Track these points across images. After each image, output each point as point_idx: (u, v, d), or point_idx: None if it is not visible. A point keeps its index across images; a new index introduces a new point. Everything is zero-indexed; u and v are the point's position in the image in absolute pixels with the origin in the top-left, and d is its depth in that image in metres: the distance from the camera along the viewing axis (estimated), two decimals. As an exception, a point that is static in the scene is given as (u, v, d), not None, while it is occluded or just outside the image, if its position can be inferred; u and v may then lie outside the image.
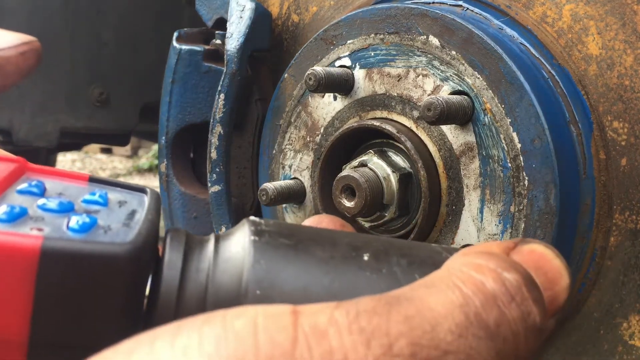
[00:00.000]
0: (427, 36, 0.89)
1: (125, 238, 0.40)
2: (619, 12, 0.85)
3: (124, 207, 0.44)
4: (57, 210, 0.41)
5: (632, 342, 0.86)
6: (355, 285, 0.42)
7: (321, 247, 0.44)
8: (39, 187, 0.43)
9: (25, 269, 0.37)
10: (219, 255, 0.43)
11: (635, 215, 0.85)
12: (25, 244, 0.37)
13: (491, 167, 0.85)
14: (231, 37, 1.09)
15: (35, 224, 0.39)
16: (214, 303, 0.41)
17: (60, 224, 0.40)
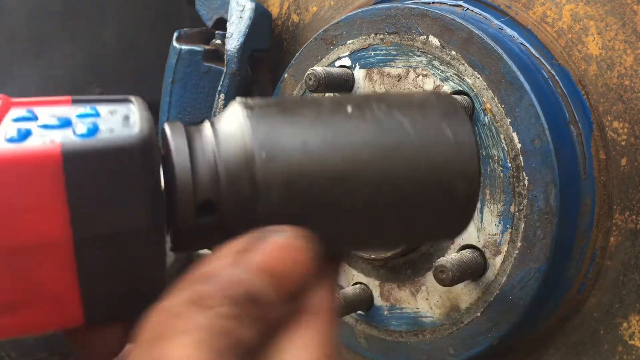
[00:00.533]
0: (427, 36, 0.89)
1: (132, 132, 0.42)
2: (619, 12, 0.85)
3: (117, 114, 0.46)
4: (59, 125, 0.43)
5: (632, 342, 0.86)
6: (345, 132, 0.46)
7: (307, 108, 0.47)
8: (32, 113, 0.45)
9: (52, 173, 0.40)
10: (219, 134, 0.46)
11: (635, 215, 0.85)
12: (46, 150, 0.40)
13: (491, 167, 0.85)
14: (231, 37, 1.09)
15: (45, 138, 0.42)
16: (226, 176, 0.45)
17: (67, 134, 0.42)
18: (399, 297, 0.93)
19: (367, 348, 0.98)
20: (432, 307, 0.91)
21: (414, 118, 0.48)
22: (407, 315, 0.93)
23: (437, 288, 0.90)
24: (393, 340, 0.95)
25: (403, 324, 0.93)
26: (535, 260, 0.83)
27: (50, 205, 0.40)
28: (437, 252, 0.90)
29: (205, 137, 0.46)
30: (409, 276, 0.92)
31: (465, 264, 0.84)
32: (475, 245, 0.87)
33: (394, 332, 0.95)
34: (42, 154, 0.40)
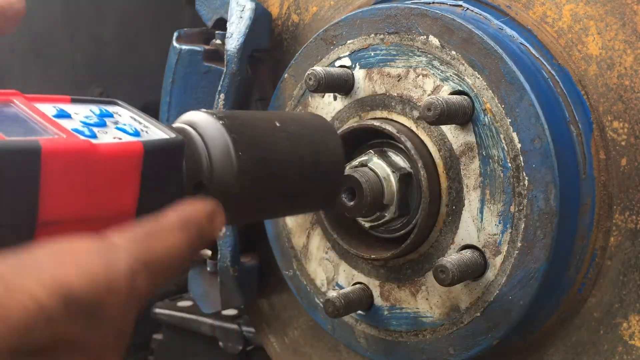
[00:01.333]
0: (427, 36, 0.89)
1: (170, 133, 0.58)
2: (619, 12, 0.85)
3: (123, 116, 0.60)
4: (100, 123, 0.56)
5: (632, 342, 0.86)
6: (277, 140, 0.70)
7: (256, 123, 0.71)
8: (63, 111, 0.56)
9: (137, 164, 0.53)
10: (205, 138, 0.65)
11: (635, 215, 0.85)
12: (136, 146, 0.53)
13: (491, 167, 0.85)
14: (231, 37, 1.09)
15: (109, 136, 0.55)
16: (213, 167, 0.64)
17: (117, 132, 0.56)
18: (399, 297, 0.93)
19: (367, 348, 0.98)
20: (432, 307, 0.91)
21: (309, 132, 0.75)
22: (407, 315, 0.93)
23: (437, 288, 0.90)
24: (393, 340, 0.95)
25: (403, 324, 0.94)
26: (535, 260, 0.83)
27: (129, 187, 0.53)
28: (437, 252, 0.90)
29: (198, 140, 0.64)
30: (409, 276, 0.92)
31: (465, 264, 0.84)
32: (475, 245, 0.87)
33: (394, 332, 0.95)
34: (134, 149, 0.53)
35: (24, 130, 0.51)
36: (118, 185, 0.53)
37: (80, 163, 0.50)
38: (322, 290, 1.01)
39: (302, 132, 0.75)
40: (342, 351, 1.11)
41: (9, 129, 0.50)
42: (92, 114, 0.58)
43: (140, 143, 0.54)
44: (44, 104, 0.56)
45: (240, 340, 1.58)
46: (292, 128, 0.74)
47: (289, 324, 1.18)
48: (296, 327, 1.17)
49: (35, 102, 0.56)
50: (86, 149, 0.50)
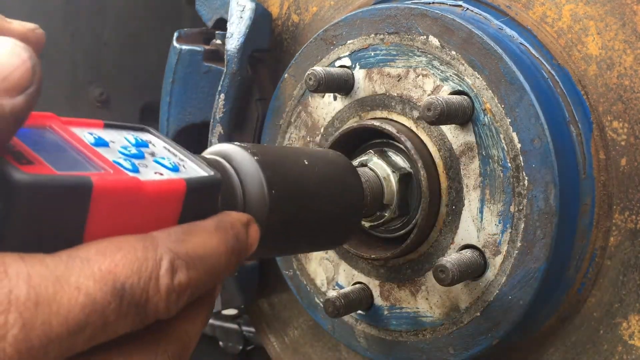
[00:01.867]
0: (427, 36, 0.90)
1: (208, 170, 0.61)
2: (618, 12, 0.85)
3: (157, 146, 0.62)
4: (139, 155, 0.58)
5: (632, 342, 0.86)
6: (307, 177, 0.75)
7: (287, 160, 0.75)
8: (101, 139, 0.57)
9: (179, 201, 0.56)
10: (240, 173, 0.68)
11: (635, 215, 0.85)
12: (180, 185, 0.55)
13: (491, 167, 0.85)
14: (231, 37, 1.09)
15: (151, 170, 0.57)
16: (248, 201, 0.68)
17: (156, 166, 0.58)
18: (399, 296, 0.93)
19: (367, 348, 0.98)
20: (432, 307, 0.91)
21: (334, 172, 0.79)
22: (407, 315, 0.93)
23: (437, 288, 0.90)
24: (393, 340, 0.95)
25: (403, 324, 0.94)
26: (535, 260, 0.83)
27: (170, 218, 0.56)
28: (437, 252, 0.90)
29: (233, 176, 0.68)
30: (409, 276, 0.92)
31: (465, 263, 0.84)
32: (475, 245, 0.87)
33: (394, 331, 0.95)
34: (178, 187, 0.56)
35: (70, 162, 0.51)
36: (159, 220, 0.54)
37: (128, 201, 0.51)
38: (322, 290, 1.01)
39: (327, 172, 0.78)
40: (342, 351, 1.11)
41: (56, 160, 0.50)
42: (128, 144, 0.59)
43: (183, 182, 0.56)
44: (79, 129, 0.57)
45: (240, 340, 1.58)
46: (319, 168, 0.77)
47: (289, 324, 1.18)
48: (296, 327, 1.17)
49: (71, 127, 0.56)
50: (134, 187, 0.51)
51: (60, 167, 0.49)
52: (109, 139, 0.58)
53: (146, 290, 0.48)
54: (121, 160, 0.55)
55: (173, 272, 0.50)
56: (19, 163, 0.47)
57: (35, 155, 0.49)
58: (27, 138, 0.51)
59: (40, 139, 0.52)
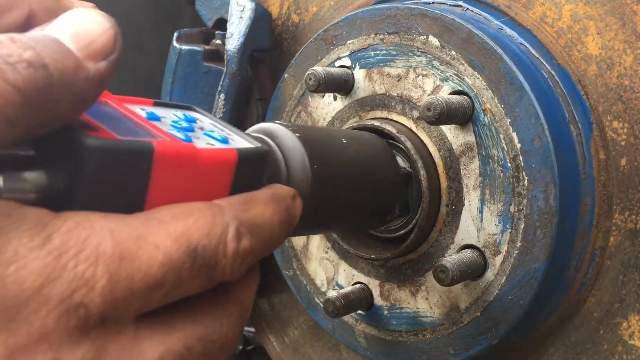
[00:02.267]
0: (427, 36, 0.90)
1: (255, 143, 0.63)
2: (618, 12, 0.85)
3: (205, 122, 0.65)
4: (189, 128, 0.60)
5: (632, 342, 0.86)
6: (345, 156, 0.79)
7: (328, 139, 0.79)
8: (152, 114, 0.59)
9: (231, 169, 0.58)
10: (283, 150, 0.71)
11: (635, 215, 0.85)
12: (232, 154, 0.58)
13: (491, 167, 0.85)
14: (231, 37, 1.09)
15: (202, 141, 0.59)
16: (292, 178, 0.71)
17: (207, 138, 0.60)
18: (399, 297, 0.93)
19: (367, 348, 0.98)
20: (432, 307, 0.91)
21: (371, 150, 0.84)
22: (407, 315, 0.93)
23: (437, 288, 0.90)
24: (393, 340, 0.95)
25: (403, 324, 0.94)
26: (535, 260, 0.83)
27: (223, 187, 0.58)
28: (437, 252, 0.90)
29: (277, 151, 0.70)
30: (409, 276, 0.92)
31: (465, 263, 0.84)
32: (475, 245, 0.87)
33: (394, 331, 0.95)
34: (231, 155, 0.58)
35: (130, 130, 0.54)
36: (212, 188, 0.57)
37: (186, 166, 0.54)
38: (322, 290, 1.01)
39: (365, 151, 0.82)
40: (342, 351, 1.11)
41: (117, 128, 0.53)
42: (178, 119, 0.62)
43: (235, 151, 0.58)
44: (132, 106, 0.60)
45: (240, 340, 1.58)
46: (356, 146, 0.80)
47: (289, 324, 1.18)
48: (296, 327, 1.17)
49: (125, 103, 0.59)
50: (192, 153, 0.54)
51: (122, 134, 0.52)
52: (160, 114, 0.61)
53: (216, 253, 0.51)
54: (174, 132, 0.57)
55: (239, 238, 0.53)
56: (85, 129, 0.50)
57: (98, 123, 0.52)
58: (88, 110, 0.54)
59: (100, 112, 0.55)
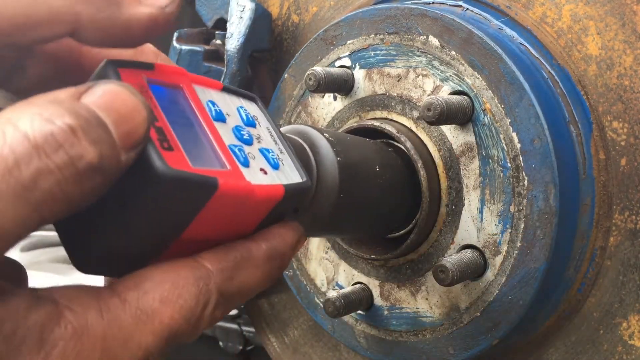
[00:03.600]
0: (427, 36, 0.90)
1: (303, 175, 0.64)
2: (618, 12, 0.85)
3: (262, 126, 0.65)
4: (247, 141, 0.61)
5: (632, 342, 0.86)
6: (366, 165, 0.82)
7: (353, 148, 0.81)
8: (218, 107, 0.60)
9: (275, 204, 0.59)
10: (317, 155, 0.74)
11: (635, 215, 0.85)
12: (279, 191, 0.59)
13: (491, 167, 0.85)
14: (231, 37, 1.09)
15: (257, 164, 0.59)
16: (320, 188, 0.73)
17: (261, 160, 0.61)
18: (399, 297, 0.94)
19: (367, 348, 0.98)
20: (432, 307, 0.91)
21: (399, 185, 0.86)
22: (407, 315, 0.93)
23: (437, 288, 0.90)
24: (393, 340, 0.95)
25: (403, 324, 0.94)
26: (535, 260, 0.83)
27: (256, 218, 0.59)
28: (437, 252, 0.90)
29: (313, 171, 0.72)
30: (409, 276, 0.93)
31: (465, 264, 0.84)
32: (475, 245, 0.87)
33: (394, 332, 0.95)
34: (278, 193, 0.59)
35: (199, 149, 0.55)
36: (248, 219, 0.58)
37: (239, 204, 0.55)
38: (322, 290, 1.01)
39: (394, 184, 0.85)
40: (342, 351, 1.11)
41: (188, 144, 0.53)
42: (241, 123, 0.62)
43: (282, 189, 0.59)
44: (202, 91, 0.60)
45: (240, 340, 1.58)
46: (387, 176, 0.83)
47: (289, 324, 1.18)
48: (296, 327, 1.17)
49: (196, 86, 0.59)
50: (248, 193, 0.55)
51: (193, 156, 0.52)
52: (225, 110, 0.61)
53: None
54: (235, 148, 0.58)
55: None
56: (161, 146, 0.50)
57: (174, 136, 0.52)
58: (164, 101, 0.54)
59: (174, 107, 0.55)
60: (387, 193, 0.84)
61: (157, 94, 0.54)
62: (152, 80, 0.55)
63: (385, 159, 0.86)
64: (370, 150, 0.85)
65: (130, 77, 0.52)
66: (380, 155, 0.85)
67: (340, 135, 0.82)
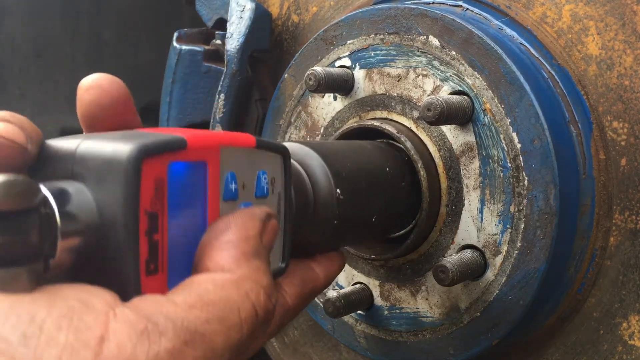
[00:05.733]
0: (427, 36, 0.89)
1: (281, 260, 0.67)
2: (618, 12, 0.85)
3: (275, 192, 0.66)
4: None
5: (632, 342, 0.86)
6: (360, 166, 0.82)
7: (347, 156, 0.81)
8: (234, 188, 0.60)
9: None
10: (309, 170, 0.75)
11: (635, 215, 0.85)
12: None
13: (491, 167, 0.85)
14: (231, 37, 1.09)
15: None
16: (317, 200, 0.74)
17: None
18: (399, 297, 0.93)
19: (367, 348, 0.98)
20: (432, 307, 0.91)
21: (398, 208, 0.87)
22: (407, 315, 0.93)
23: (437, 288, 0.90)
24: (393, 340, 0.95)
25: (403, 324, 0.94)
26: (535, 260, 0.83)
27: None
28: (437, 252, 0.90)
29: (304, 177, 0.73)
30: (409, 276, 0.92)
31: (465, 264, 0.84)
32: (475, 245, 0.87)
33: (394, 332, 0.95)
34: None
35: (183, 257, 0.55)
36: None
37: None
38: (322, 290, 1.01)
39: (394, 185, 0.86)
40: (342, 351, 1.11)
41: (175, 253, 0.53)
42: (252, 197, 0.62)
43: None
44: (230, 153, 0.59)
45: (240, 340, 1.57)
46: (387, 179, 0.84)
47: (289, 324, 1.18)
48: (296, 327, 1.17)
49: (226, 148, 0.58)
50: None
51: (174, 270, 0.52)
52: (243, 181, 0.61)
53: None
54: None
55: None
56: (147, 270, 0.49)
57: (165, 250, 0.51)
58: (178, 183, 0.53)
59: (186, 191, 0.54)
60: (387, 196, 0.84)
61: (174, 176, 0.52)
62: (177, 162, 0.53)
63: (386, 161, 0.85)
64: (369, 156, 0.85)
65: (152, 169, 0.50)
66: (380, 158, 0.85)
67: (337, 147, 0.82)
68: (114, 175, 0.48)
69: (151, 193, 0.49)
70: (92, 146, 0.50)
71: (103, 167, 0.49)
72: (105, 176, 0.48)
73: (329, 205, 0.74)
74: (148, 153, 0.49)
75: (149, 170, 0.49)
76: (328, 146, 0.80)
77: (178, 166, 0.53)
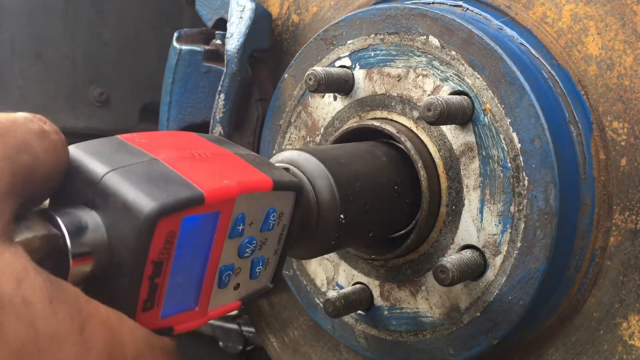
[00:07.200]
0: (427, 36, 0.89)
1: (269, 281, 0.69)
2: (618, 12, 0.85)
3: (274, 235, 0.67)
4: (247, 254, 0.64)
5: (632, 342, 0.86)
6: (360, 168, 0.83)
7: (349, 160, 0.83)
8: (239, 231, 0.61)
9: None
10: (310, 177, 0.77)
11: (635, 215, 0.85)
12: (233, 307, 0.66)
13: (491, 167, 0.85)
14: (231, 37, 1.09)
15: (235, 281, 0.64)
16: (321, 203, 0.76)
17: (244, 275, 0.65)
18: (399, 297, 0.93)
19: (367, 348, 0.98)
20: (432, 307, 0.91)
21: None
22: (407, 315, 0.93)
23: (437, 288, 0.90)
24: (393, 340, 0.95)
25: (403, 324, 0.94)
26: (535, 260, 0.83)
27: None
28: (437, 252, 0.90)
29: (307, 185, 0.74)
30: (409, 276, 0.92)
31: (465, 264, 0.84)
32: (475, 245, 0.87)
33: (394, 332, 0.95)
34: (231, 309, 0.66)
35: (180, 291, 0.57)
36: None
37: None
38: (322, 290, 1.01)
39: (394, 186, 0.86)
40: (342, 351, 1.11)
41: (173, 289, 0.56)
42: (257, 231, 0.63)
43: (239, 303, 0.65)
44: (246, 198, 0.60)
45: (240, 340, 1.58)
46: (387, 180, 0.85)
47: (289, 324, 1.18)
48: (296, 327, 1.17)
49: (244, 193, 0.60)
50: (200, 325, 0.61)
51: (169, 302, 0.55)
52: (250, 220, 0.62)
53: None
54: (226, 271, 0.60)
55: None
56: (142, 308, 0.53)
57: (164, 290, 0.54)
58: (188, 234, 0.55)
59: (193, 240, 0.56)
60: (389, 215, 0.85)
61: (186, 228, 0.55)
62: (191, 216, 0.55)
63: (397, 177, 0.86)
64: (380, 174, 0.85)
65: (166, 225, 0.53)
66: (392, 175, 0.86)
67: (350, 164, 0.82)
68: (130, 225, 0.51)
69: (161, 245, 0.52)
70: (117, 183, 0.52)
71: (122, 212, 0.52)
72: (122, 219, 0.52)
73: (331, 228, 0.75)
74: (166, 213, 0.52)
75: (163, 226, 0.52)
76: (342, 163, 0.80)
77: (191, 219, 0.56)
